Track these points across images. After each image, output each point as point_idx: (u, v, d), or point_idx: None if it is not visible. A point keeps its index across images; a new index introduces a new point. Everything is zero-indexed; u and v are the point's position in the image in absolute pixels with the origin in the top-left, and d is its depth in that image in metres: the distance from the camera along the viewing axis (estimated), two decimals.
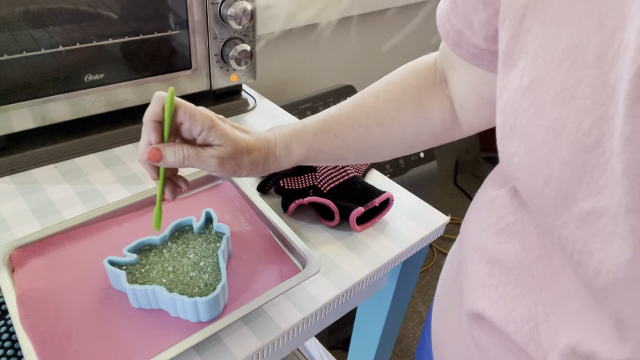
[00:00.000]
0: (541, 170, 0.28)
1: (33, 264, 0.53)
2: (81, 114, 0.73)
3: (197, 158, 0.45)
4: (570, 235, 0.27)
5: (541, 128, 0.28)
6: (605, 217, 0.25)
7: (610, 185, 0.24)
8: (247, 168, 0.48)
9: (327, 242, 0.63)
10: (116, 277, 0.50)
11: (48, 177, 0.70)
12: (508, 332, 0.35)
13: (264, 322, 0.53)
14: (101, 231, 0.58)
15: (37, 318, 0.48)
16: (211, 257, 0.53)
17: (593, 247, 0.26)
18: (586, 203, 0.26)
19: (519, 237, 0.36)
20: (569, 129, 0.26)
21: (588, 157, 0.25)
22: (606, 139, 0.24)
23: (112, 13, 0.70)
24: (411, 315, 1.67)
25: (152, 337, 0.48)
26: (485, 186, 0.45)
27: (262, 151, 0.48)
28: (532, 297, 0.34)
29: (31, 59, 0.65)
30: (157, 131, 0.45)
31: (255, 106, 0.92)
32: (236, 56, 0.80)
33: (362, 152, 0.51)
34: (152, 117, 0.44)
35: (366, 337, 0.88)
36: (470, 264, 0.41)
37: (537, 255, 0.34)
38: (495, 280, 0.37)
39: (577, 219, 0.27)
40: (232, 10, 0.75)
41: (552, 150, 0.27)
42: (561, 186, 0.27)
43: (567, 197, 0.27)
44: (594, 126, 0.25)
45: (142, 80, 0.76)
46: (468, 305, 0.40)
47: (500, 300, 0.36)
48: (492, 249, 0.38)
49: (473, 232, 0.42)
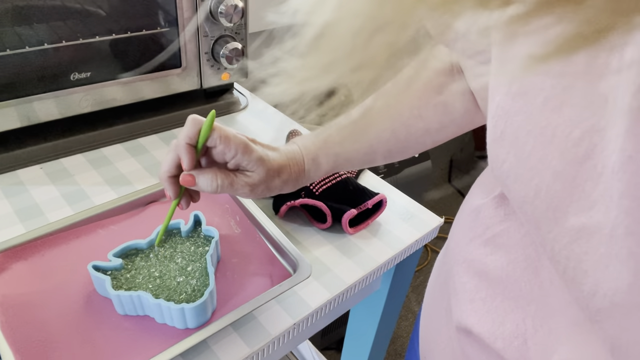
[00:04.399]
0: (532, 180, 0.27)
1: (16, 269, 0.51)
2: (68, 113, 0.71)
3: (231, 187, 0.44)
4: (563, 251, 0.26)
5: (531, 135, 0.27)
6: (597, 235, 0.24)
7: (604, 202, 0.23)
8: (278, 189, 0.47)
9: (319, 245, 0.62)
10: (101, 282, 0.48)
11: (33, 178, 0.68)
12: (497, 348, 0.34)
13: (253, 328, 0.51)
14: (87, 234, 0.57)
15: (18, 325, 0.46)
16: (199, 262, 0.52)
17: (587, 266, 0.25)
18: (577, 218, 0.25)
19: (504, 249, 0.35)
20: (559, 137, 0.25)
21: (579, 169, 0.24)
22: (598, 151, 0.23)
23: (99, 10, 0.68)
24: (405, 314, 1.66)
25: (137, 345, 0.46)
26: (471, 194, 0.44)
27: (292, 169, 0.48)
28: (520, 312, 0.33)
29: (16, 56, 0.64)
30: (191, 155, 0.43)
31: (247, 105, 0.91)
32: (227, 54, 0.78)
33: (389, 154, 0.51)
34: (187, 140, 0.43)
35: (359, 338, 0.87)
36: (456, 276, 0.40)
37: (524, 267, 0.34)
38: (483, 294, 0.36)
39: (569, 234, 0.26)
40: (222, 8, 0.74)
41: (543, 159, 0.26)
42: (552, 198, 0.26)
43: (559, 210, 0.26)
44: (584, 136, 0.24)
45: (131, 79, 0.75)
46: (456, 320, 0.39)
47: (487, 315, 0.35)
48: (479, 261, 0.38)
49: (459, 243, 0.42)
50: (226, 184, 0.44)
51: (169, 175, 0.45)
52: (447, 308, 0.43)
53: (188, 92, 0.82)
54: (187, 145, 0.43)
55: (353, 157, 0.50)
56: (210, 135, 0.43)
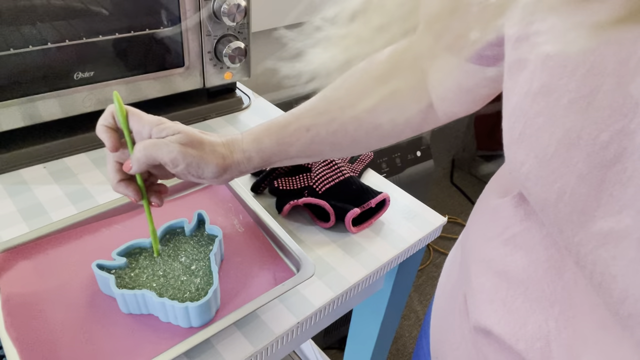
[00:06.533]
0: (554, 183, 0.26)
1: (20, 268, 0.52)
2: (71, 112, 0.71)
3: (157, 146, 0.45)
4: (589, 255, 0.26)
5: (553, 137, 0.26)
6: (627, 240, 0.23)
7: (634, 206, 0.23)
8: (214, 161, 0.47)
9: (322, 244, 0.62)
10: (105, 281, 0.48)
11: (37, 178, 0.68)
12: (518, 349, 0.33)
13: (257, 326, 0.51)
14: (91, 233, 0.57)
15: (23, 323, 0.46)
16: (203, 261, 0.52)
17: (615, 271, 0.24)
18: (605, 222, 0.24)
19: (525, 249, 0.35)
20: (585, 140, 0.24)
21: (607, 173, 0.24)
22: (628, 155, 0.23)
23: (102, 9, 0.68)
24: (407, 314, 1.66)
25: (141, 344, 0.46)
26: (487, 193, 0.43)
27: (226, 145, 0.49)
28: (542, 313, 0.33)
29: (19, 56, 0.64)
30: (110, 135, 0.46)
31: (250, 104, 0.91)
32: (230, 53, 0.78)
33: (337, 146, 0.50)
34: (103, 121, 0.46)
35: (362, 338, 0.87)
36: (474, 276, 0.39)
37: (546, 268, 0.33)
38: (503, 294, 0.36)
39: (595, 239, 0.25)
40: (225, 7, 0.74)
41: (566, 162, 0.25)
42: (577, 202, 0.25)
43: (584, 214, 0.25)
44: (613, 139, 0.23)
45: (134, 78, 0.75)
46: (474, 320, 0.38)
47: (508, 316, 0.35)
48: (498, 261, 0.37)
49: (476, 242, 0.41)
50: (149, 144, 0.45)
51: (117, 181, 0.48)
52: (462, 308, 0.42)
53: (191, 92, 0.82)
54: (103, 126, 0.46)
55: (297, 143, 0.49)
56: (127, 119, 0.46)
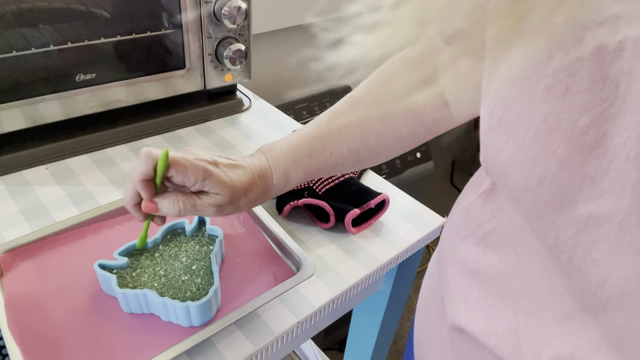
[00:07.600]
0: (535, 168, 0.26)
1: (22, 268, 0.52)
2: (73, 114, 0.72)
3: (194, 209, 0.43)
4: (570, 240, 0.26)
5: (532, 122, 0.26)
6: (608, 224, 0.24)
7: (614, 190, 0.23)
8: (246, 207, 0.46)
9: (322, 245, 0.63)
10: (107, 281, 0.49)
11: (39, 179, 0.69)
12: (490, 346, 0.34)
13: (257, 326, 0.52)
14: (92, 234, 0.57)
15: (25, 323, 0.47)
16: (204, 261, 0.52)
17: (596, 255, 0.24)
18: (586, 207, 0.24)
19: (496, 247, 0.35)
20: (565, 125, 0.24)
21: (587, 158, 0.24)
22: (609, 139, 0.23)
23: (104, 12, 0.69)
24: (407, 315, 1.66)
25: (143, 343, 0.47)
26: (461, 195, 0.44)
27: (259, 187, 0.46)
28: (511, 308, 0.33)
29: (21, 58, 0.64)
30: (148, 189, 0.42)
31: (250, 106, 0.91)
32: (230, 55, 0.79)
33: (359, 161, 0.50)
34: (141, 177, 0.41)
35: (362, 339, 0.87)
36: (449, 276, 0.40)
37: (514, 264, 0.33)
38: (476, 293, 0.36)
39: (577, 223, 0.25)
40: (226, 9, 0.74)
41: (546, 148, 0.25)
42: (558, 187, 0.26)
43: (566, 199, 0.25)
44: (593, 124, 0.23)
45: (135, 80, 0.75)
46: (450, 320, 0.39)
47: (481, 314, 0.35)
48: (471, 260, 0.37)
49: (451, 243, 0.41)
50: (188, 207, 0.43)
51: (133, 204, 0.44)
52: (440, 309, 0.43)
53: (192, 93, 0.82)
54: (142, 181, 0.41)
55: (323, 167, 0.48)
56: (167, 171, 0.41)
